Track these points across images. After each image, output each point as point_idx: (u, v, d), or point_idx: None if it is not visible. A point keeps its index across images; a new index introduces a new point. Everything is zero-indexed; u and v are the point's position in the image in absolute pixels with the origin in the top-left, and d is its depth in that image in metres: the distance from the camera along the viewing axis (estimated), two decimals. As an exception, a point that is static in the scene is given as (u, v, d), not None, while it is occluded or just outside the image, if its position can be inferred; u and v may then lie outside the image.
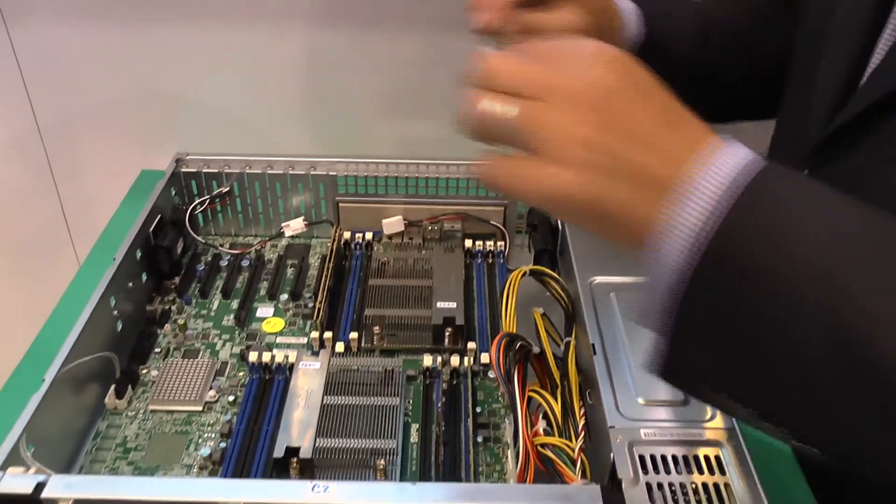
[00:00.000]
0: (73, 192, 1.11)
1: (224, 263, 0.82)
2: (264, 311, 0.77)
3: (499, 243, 0.83)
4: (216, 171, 0.83)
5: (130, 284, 0.73)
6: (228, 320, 0.76)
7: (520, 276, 0.70)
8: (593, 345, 0.62)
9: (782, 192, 0.39)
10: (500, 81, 0.41)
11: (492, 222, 0.85)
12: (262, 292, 0.79)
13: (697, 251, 0.38)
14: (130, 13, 0.96)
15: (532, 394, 0.62)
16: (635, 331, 0.63)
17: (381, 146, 1.03)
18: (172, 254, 0.78)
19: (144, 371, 0.70)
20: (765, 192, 0.38)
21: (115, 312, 0.70)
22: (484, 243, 0.83)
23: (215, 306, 0.78)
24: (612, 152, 0.40)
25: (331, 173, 0.83)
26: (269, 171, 0.83)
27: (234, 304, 0.78)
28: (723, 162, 0.39)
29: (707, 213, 0.38)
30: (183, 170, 0.84)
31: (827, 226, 0.38)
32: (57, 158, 1.08)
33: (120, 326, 0.71)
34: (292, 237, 0.85)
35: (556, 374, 0.64)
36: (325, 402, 0.64)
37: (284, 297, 0.78)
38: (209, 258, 0.83)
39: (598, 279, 0.69)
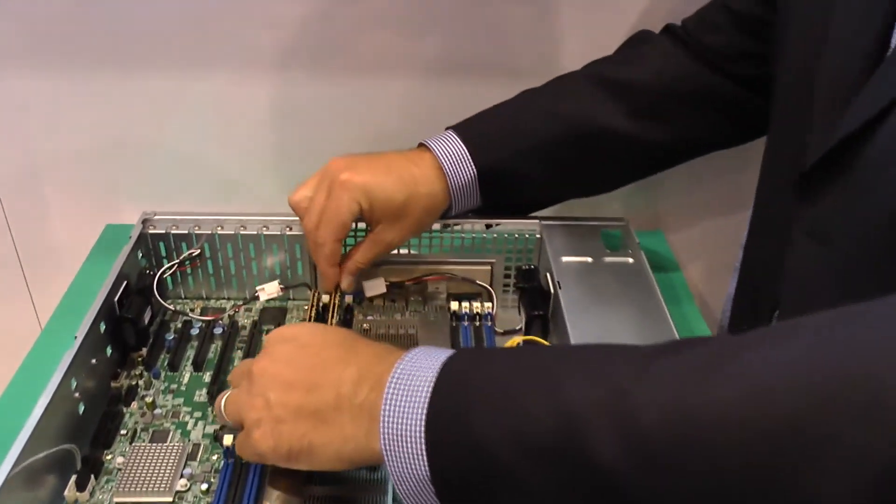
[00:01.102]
0: (31, 246, 1.05)
1: (195, 332, 0.77)
2: (239, 384, 0.72)
3: (486, 304, 0.79)
4: (185, 231, 0.78)
5: (94, 361, 0.68)
6: (200, 395, 0.71)
7: (514, 346, 0.66)
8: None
9: (466, 374, 0.47)
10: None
11: (478, 282, 0.81)
12: (237, 362, 0.74)
13: (426, 444, 0.45)
14: (93, 62, 0.90)
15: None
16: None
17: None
18: (139, 324, 0.73)
19: (109, 457, 0.65)
20: (451, 378, 0.47)
21: (77, 395, 0.64)
22: (471, 304, 0.79)
23: (186, 380, 0.73)
24: (286, 405, 0.52)
25: (308, 233, 0.79)
26: (242, 232, 0.78)
27: (207, 377, 0.73)
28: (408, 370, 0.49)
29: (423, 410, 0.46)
30: (150, 231, 0.78)
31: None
32: (14, 211, 1.02)
33: (82, 409, 0.65)
34: (268, 301, 0.80)
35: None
36: (307, 492, 0.59)
37: (260, 368, 0.73)
38: (179, 325, 0.78)
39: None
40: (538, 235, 0.80)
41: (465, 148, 0.74)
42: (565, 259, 0.76)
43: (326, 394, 0.51)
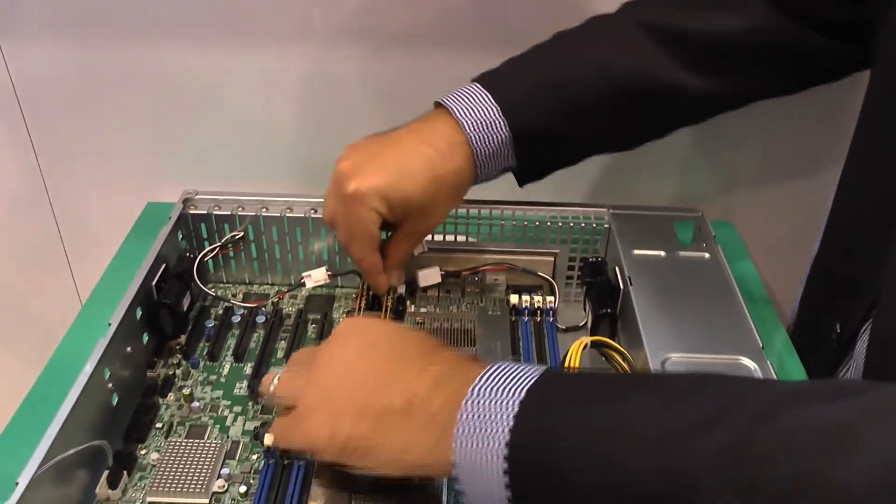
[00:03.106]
0: (71, 223, 1.02)
1: (236, 319, 0.72)
2: (282, 377, 0.67)
3: (548, 298, 0.73)
4: (228, 213, 0.74)
5: (129, 349, 0.63)
6: (241, 388, 0.66)
7: (580, 349, 0.61)
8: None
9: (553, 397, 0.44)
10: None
11: (539, 273, 0.75)
12: (280, 354, 0.70)
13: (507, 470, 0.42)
14: (139, 37, 0.86)
15: None
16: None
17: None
18: (177, 310, 0.69)
19: (143, 452, 0.61)
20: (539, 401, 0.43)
21: (110, 385, 0.60)
22: (531, 298, 0.73)
23: (226, 371, 0.68)
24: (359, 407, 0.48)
25: (358, 217, 0.73)
26: (288, 214, 0.73)
27: (248, 369, 0.68)
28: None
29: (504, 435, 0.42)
30: (191, 211, 0.74)
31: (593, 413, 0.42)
32: (56, 188, 0.99)
33: (115, 400, 0.61)
34: (314, 288, 0.75)
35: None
36: (353, 503, 0.54)
37: (305, 361, 0.68)
38: (219, 312, 0.73)
39: (674, 357, 0.59)
40: (606, 225, 0.74)
41: (496, 107, 0.63)
42: (637, 252, 0.70)
43: (397, 396, 0.47)
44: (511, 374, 0.45)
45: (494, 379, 0.45)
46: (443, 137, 0.63)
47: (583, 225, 0.74)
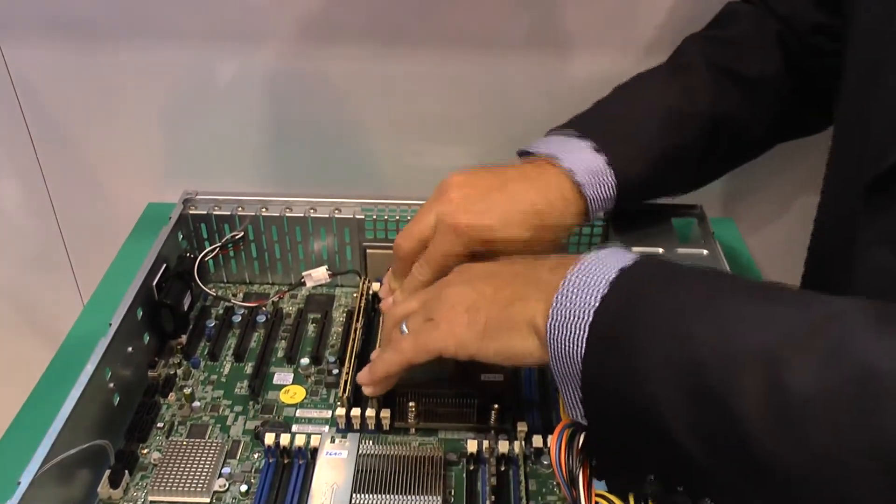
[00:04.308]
0: (73, 224, 1.02)
1: (237, 319, 0.73)
2: (282, 377, 0.68)
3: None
4: (228, 213, 0.74)
5: (130, 349, 0.64)
6: (241, 388, 0.67)
7: (579, 348, 0.60)
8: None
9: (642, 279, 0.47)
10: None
11: (538, 272, 0.75)
12: (280, 354, 0.70)
13: (585, 342, 0.46)
14: (139, 36, 0.86)
15: (600, 500, 0.52)
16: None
17: (413, 183, 0.93)
18: (178, 310, 0.69)
19: (144, 451, 0.61)
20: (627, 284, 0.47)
21: (111, 385, 0.61)
22: (530, 296, 0.73)
23: (226, 371, 0.68)
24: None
25: (357, 216, 0.74)
26: (288, 214, 0.74)
27: (248, 369, 0.68)
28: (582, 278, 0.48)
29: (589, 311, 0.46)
30: (191, 212, 0.74)
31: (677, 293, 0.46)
32: (57, 189, 0.99)
33: (117, 399, 0.62)
34: (314, 288, 0.76)
35: (627, 472, 0.54)
36: (353, 501, 0.55)
37: (305, 360, 0.68)
38: (220, 311, 0.74)
39: (672, 353, 0.59)
40: (604, 222, 0.74)
41: (605, 162, 0.63)
42: (635, 249, 0.70)
43: (521, 286, 0.53)
44: (618, 253, 0.50)
45: (603, 254, 0.50)
46: (558, 191, 0.62)
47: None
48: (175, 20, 0.85)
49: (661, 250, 0.70)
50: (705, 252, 0.70)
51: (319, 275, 0.74)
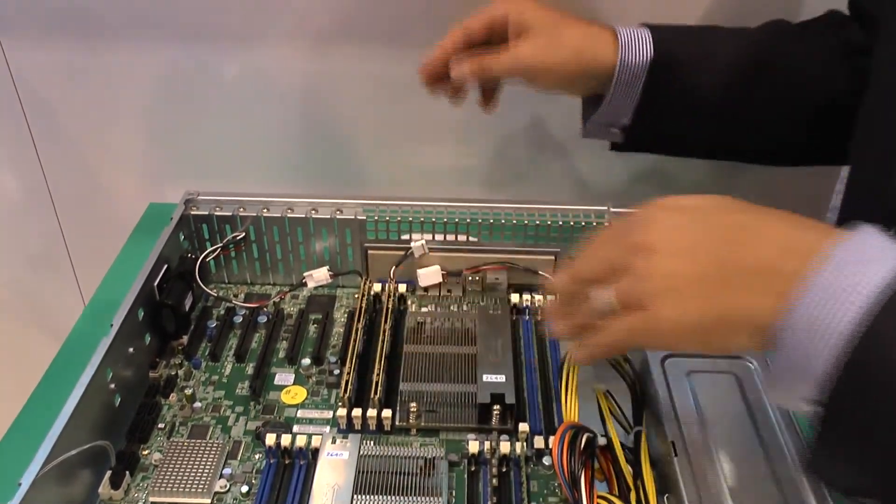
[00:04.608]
0: (74, 224, 1.02)
1: (238, 319, 0.72)
2: (283, 377, 0.68)
3: (549, 297, 0.73)
4: (229, 213, 0.74)
5: (131, 350, 0.64)
6: (242, 388, 0.67)
7: (581, 349, 0.60)
8: (672, 443, 0.52)
9: None
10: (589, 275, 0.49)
11: (540, 272, 0.75)
12: (281, 354, 0.70)
13: (832, 368, 0.38)
14: (141, 36, 0.86)
15: (602, 502, 0.52)
16: (721, 425, 0.54)
17: (415, 184, 0.93)
18: (179, 310, 0.69)
19: (146, 452, 0.61)
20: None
21: (112, 386, 0.61)
22: (532, 297, 0.73)
23: (228, 371, 0.68)
24: (707, 279, 0.43)
25: (359, 217, 0.74)
26: (289, 215, 0.74)
27: (249, 369, 0.68)
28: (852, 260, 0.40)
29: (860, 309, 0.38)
30: (192, 212, 0.74)
31: None
32: (58, 189, 0.99)
33: (118, 400, 0.62)
34: (315, 288, 0.76)
35: (628, 474, 0.54)
36: (355, 502, 0.55)
37: (306, 361, 0.68)
38: (221, 312, 0.74)
39: (673, 356, 0.59)
40: (607, 224, 0.74)
41: (648, 33, 0.66)
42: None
43: (744, 258, 0.43)
44: (875, 250, 0.40)
45: (859, 244, 0.41)
46: (598, 32, 0.66)
47: (583, 224, 0.74)
48: (178, 19, 0.85)
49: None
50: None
51: (321, 275, 0.74)
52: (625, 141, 0.71)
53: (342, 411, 0.62)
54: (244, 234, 0.74)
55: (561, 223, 0.74)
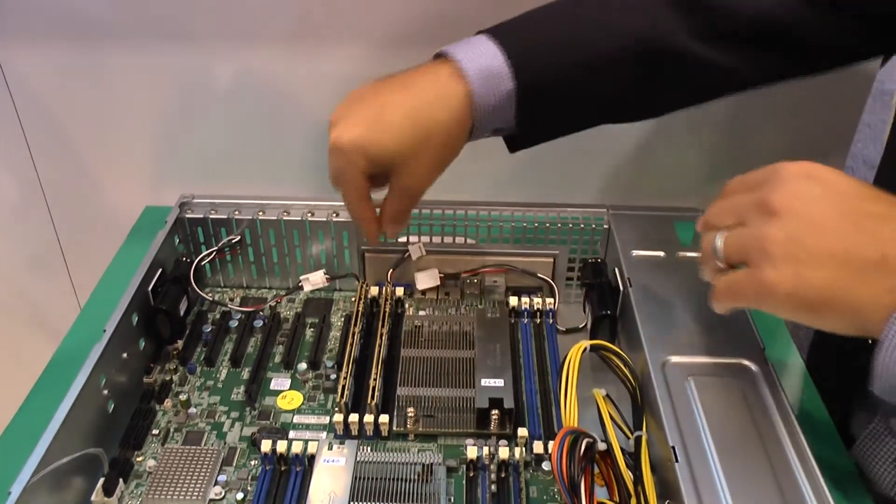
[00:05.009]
0: (69, 228, 1.01)
1: (234, 324, 0.72)
2: (279, 382, 0.67)
3: (547, 300, 0.72)
4: (225, 216, 0.73)
5: (125, 355, 0.63)
6: (238, 394, 0.66)
7: (579, 353, 0.60)
8: (673, 448, 0.51)
9: None
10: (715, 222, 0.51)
11: (539, 275, 0.74)
12: (277, 359, 0.69)
13: None
14: (134, 37, 0.85)
15: (602, 508, 0.51)
16: (722, 430, 0.53)
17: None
18: (174, 315, 0.68)
19: (139, 459, 0.60)
20: None
21: (106, 392, 0.60)
22: (531, 299, 0.72)
23: (223, 376, 0.68)
24: (824, 248, 0.44)
25: (355, 219, 0.73)
26: (286, 218, 0.73)
27: (245, 374, 0.68)
28: None
29: None
30: (187, 215, 0.73)
31: None
32: (53, 192, 0.98)
33: (111, 406, 0.61)
34: (312, 292, 0.75)
35: (628, 479, 0.53)
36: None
37: (303, 365, 0.68)
38: (217, 316, 0.73)
39: (673, 359, 0.58)
40: (606, 225, 0.73)
41: (504, 56, 0.59)
42: (636, 253, 0.69)
43: (871, 248, 0.44)
44: None
45: None
46: (434, 89, 0.59)
47: (582, 226, 0.73)
48: (172, 21, 0.84)
49: (662, 254, 0.69)
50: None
51: (317, 279, 0.74)
52: (518, 141, 0.66)
53: (339, 417, 0.61)
54: (240, 237, 0.74)
55: (560, 224, 0.73)
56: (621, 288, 0.67)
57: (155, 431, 0.63)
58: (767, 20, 0.61)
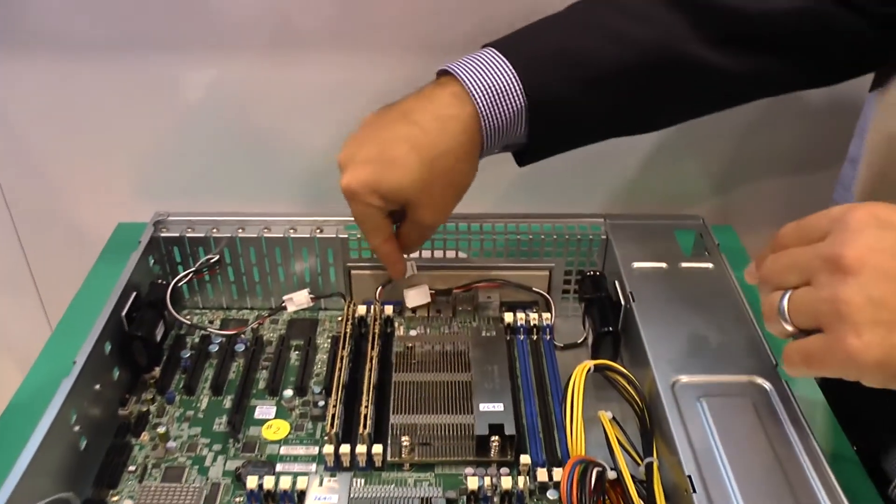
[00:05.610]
0: (37, 246, 0.97)
1: (214, 348, 0.68)
2: (264, 410, 0.63)
3: (544, 315, 0.69)
4: (202, 234, 0.69)
5: (97, 386, 0.59)
6: (220, 424, 0.62)
7: (584, 375, 0.57)
8: (690, 478, 0.48)
9: None
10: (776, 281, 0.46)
11: (534, 289, 0.71)
12: (262, 385, 0.65)
13: None
14: (105, 50, 0.81)
15: (615, 544, 0.48)
16: (738, 453, 0.50)
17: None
18: (150, 341, 0.64)
19: (115, 499, 0.56)
20: None
21: (77, 428, 0.55)
22: (526, 315, 0.69)
23: (204, 405, 0.64)
24: None
25: (340, 235, 0.69)
26: (267, 235, 0.69)
27: (227, 402, 0.64)
28: None
29: None
30: (163, 234, 0.69)
31: None
32: (19, 207, 0.93)
33: (83, 443, 0.56)
34: (296, 312, 0.71)
35: (642, 511, 0.50)
36: None
37: (289, 392, 0.64)
38: (196, 341, 0.69)
39: (683, 379, 0.55)
40: (604, 236, 0.70)
41: (514, 74, 0.57)
42: (637, 265, 0.66)
43: None
44: None
45: None
46: (437, 116, 0.57)
47: (578, 236, 0.70)
48: (144, 35, 0.80)
49: (664, 265, 0.66)
50: (711, 265, 0.67)
51: (301, 298, 0.70)
52: (528, 155, 0.64)
53: (329, 448, 0.57)
54: (218, 256, 0.70)
55: (555, 236, 0.70)
56: (623, 302, 0.64)
57: (131, 468, 0.58)
58: (778, 22, 0.59)
